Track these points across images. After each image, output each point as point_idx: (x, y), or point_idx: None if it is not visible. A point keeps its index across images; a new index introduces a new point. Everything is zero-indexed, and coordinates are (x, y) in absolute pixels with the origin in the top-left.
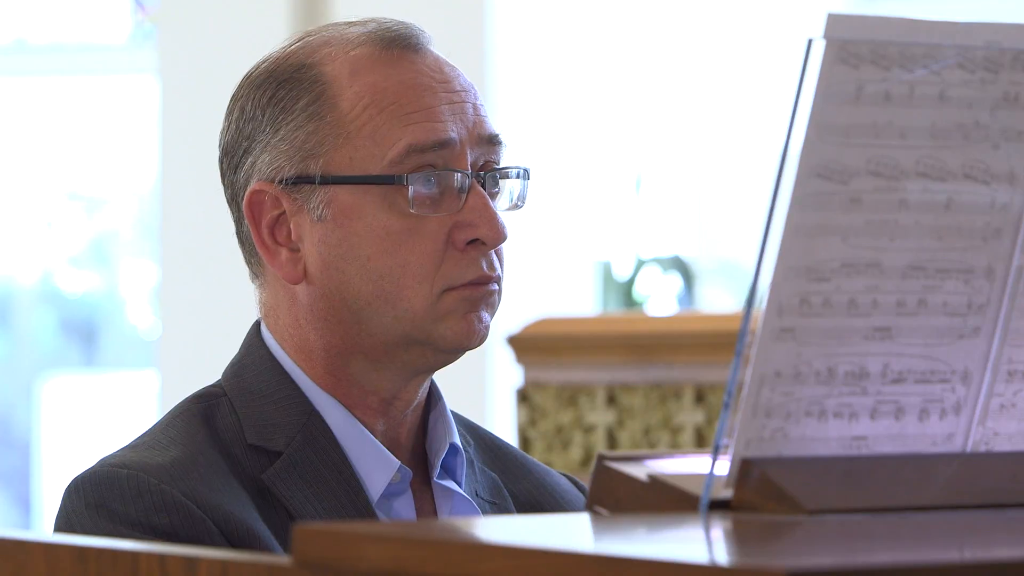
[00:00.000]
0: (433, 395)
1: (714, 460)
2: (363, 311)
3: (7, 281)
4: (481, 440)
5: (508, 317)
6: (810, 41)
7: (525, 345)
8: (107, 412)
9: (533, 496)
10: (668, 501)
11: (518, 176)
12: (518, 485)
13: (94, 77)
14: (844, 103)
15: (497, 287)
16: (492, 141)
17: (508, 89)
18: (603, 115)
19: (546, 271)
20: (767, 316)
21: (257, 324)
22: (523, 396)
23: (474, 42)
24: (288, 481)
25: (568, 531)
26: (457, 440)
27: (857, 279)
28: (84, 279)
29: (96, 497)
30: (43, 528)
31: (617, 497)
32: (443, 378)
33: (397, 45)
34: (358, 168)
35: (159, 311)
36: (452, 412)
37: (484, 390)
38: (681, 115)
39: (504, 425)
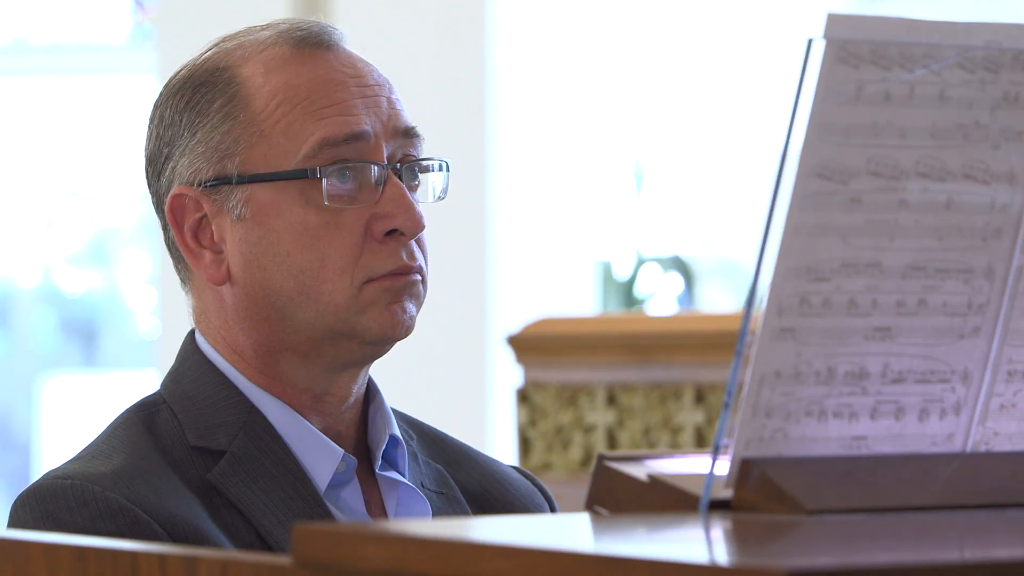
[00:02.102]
0: (371, 390)
1: (714, 460)
2: (286, 307)
3: (7, 281)
4: (424, 434)
5: (508, 317)
6: (810, 41)
7: (525, 345)
8: (107, 412)
9: (481, 485)
10: (668, 501)
11: (440, 169)
12: (465, 475)
13: (94, 77)
14: (844, 103)
15: (419, 277)
16: (408, 134)
17: (508, 89)
18: (603, 115)
19: (546, 271)
20: (767, 316)
21: (191, 334)
22: (523, 396)
23: (474, 42)
24: (234, 478)
25: (568, 531)
26: (396, 431)
27: (857, 279)
28: (84, 279)
29: (42, 509)
30: None
31: (617, 497)
32: (443, 377)
33: (308, 43)
34: (273, 165)
35: (159, 311)
36: (393, 409)
37: (484, 390)
38: (681, 115)
39: (504, 425)
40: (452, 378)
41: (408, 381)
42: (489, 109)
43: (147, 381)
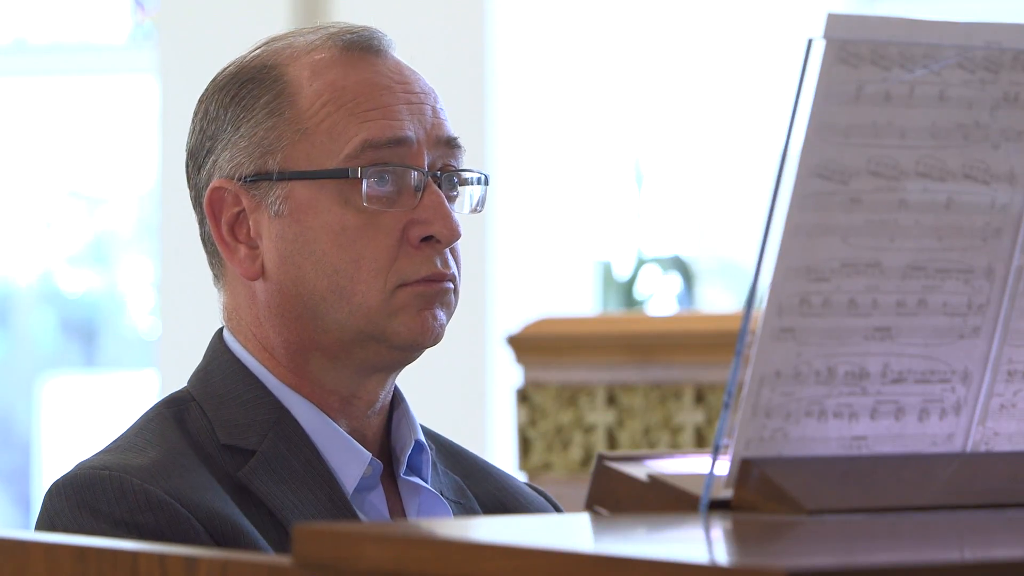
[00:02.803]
0: (396, 397)
1: (714, 460)
2: (318, 306)
3: (7, 281)
4: (441, 445)
5: (508, 317)
6: (810, 41)
7: (525, 345)
8: (107, 412)
9: (496, 497)
10: (668, 501)
11: (478, 182)
12: (480, 487)
13: (94, 77)
14: (844, 103)
15: (452, 286)
16: (451, 144)
17: (508, 89)
18: (604, 115)
19: (546, 271)
20: (767, 316)
21: (219, 332)
22: (523, 396)
23: (474, 41)
24: (264, 478)
25: (568, 531)
26: (422, 437)
27: (857, 279)
28: (84, 279)
29: (79, 498)
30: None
31: (617, 497)
32: (443, 377)
33: (358, 47)
34: (315, 164)
35: (159, 311)
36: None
37: (484, 390)
38: (681, 115)
39: (504, 425)
40: (452, 378)
41: (408, 381)
42: (489, 109)
43: (147, 381)
